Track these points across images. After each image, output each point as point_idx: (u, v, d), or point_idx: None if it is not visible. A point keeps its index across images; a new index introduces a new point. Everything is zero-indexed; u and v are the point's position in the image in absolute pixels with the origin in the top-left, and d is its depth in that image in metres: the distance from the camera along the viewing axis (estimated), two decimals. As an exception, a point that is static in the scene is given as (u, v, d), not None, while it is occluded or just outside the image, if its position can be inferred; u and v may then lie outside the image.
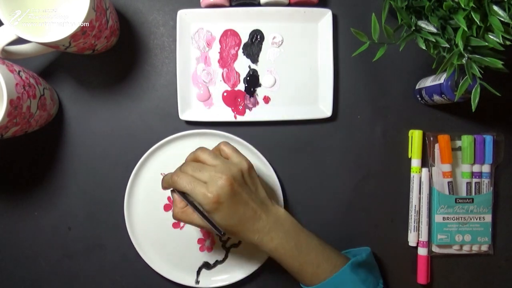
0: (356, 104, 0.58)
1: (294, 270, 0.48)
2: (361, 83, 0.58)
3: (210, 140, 0.57)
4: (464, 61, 0.43)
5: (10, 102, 0.44)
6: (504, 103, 0.57)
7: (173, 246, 0.57)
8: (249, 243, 0.47)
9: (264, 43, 0.57)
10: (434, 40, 0.45)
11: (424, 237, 0.57)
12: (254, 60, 0.57)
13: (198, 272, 0.57)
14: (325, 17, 0.56)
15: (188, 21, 0.56)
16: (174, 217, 0.48)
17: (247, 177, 0.47)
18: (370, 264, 0.53)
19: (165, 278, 0.56)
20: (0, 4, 0.46)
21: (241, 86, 0.57)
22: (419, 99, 0.57)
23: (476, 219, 0.56)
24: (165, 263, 0.56)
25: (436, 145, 0.57)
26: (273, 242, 0.47)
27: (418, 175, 0.57)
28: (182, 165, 0.47)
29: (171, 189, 0.48)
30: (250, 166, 0.47)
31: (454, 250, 0.57)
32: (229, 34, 0.57)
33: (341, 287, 0.48)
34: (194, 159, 0.48)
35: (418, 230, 0.57)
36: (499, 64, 0.42)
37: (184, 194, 0.46)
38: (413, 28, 0.45)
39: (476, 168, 0.57)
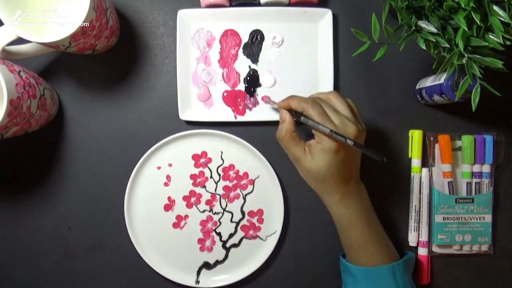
0: (356, 104, 0.58)
1: (355, 245, 0.49)
2: (361, 83, 0.58)
3: (210, 140, 0.57)
4: (464, 61, 0.43)
5: (10, 102, 0.44)
6: (504, 103, 0.57)
7: (173, 246, 0.57)
8: (324, 201, 0.48)
9: (264, 43, 0.57)
10: (434, 40, 0.45)
11: (424, 237, 0.57)
12: (254, 60, 0.57)
13: (198, 272, 0.57)
14: (325, 17, 0.56)
15: (188, 21, 0.56)
16: (280, 135, 0.47)
17: (362, 141, 0.47)
18: (412, 267, 0.53)
19: (165, 278, 0.56)
20: (0, 4, 0.46)
21: (241, 86, 0.57)
22: (419, 99, 0.57)
23: (476, 219, 0.56)
24: (165, 263, 0.56)
25: (436, 145, 0.57)
26: (350, 208, 0.47)
27: (418, 175, 0.57)
28: (315, 98, 0.47)
29: (284, 109, 0.48)
30: (365, 133, 0.48)
31: (454, 250, 0.57)
32: (229, 34, 0.57)
33: (390, 278, 0.48)
34: (326, 99, 0.48)
35: (418, 230, 0.57)
36: (499, 64, 0.42)
37: (306, 121, 0.46)
38: (413, 28, 0.45)
39: (476, 168, 0.57)
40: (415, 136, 0.57)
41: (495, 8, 0.41)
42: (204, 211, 0.57)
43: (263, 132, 0.57)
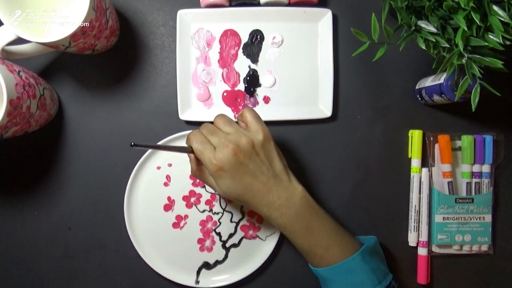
0: (356, 104, 0.58)
1: (302, 250, 0.49)
2: (361, 83, 0.58)
3: (210, 140, 0.57)
4: (464, 61, 0.43)
5: (10, 102, 0.44)
6: (504, 103, 0.57)
7: (173, 246, 0.57)
8: (261, 215, 0.47)
9: (264, 43, 0.57)
10: (434, 40, 0.45)
11: (424, 237, 0.57)
12: (254, 60, 0.57)
13: (198, 272, 0.57)
14: (325, 17, 0.56)
15: (188, 21, 0.56)
16: (192, 174, 0.49)
17: (259, 149, 0.45)
18: (379, 254, 0.52)
19: (165, 278, 0.56)
20: (0, 4, 0.46)
21: (241, 86, 0.57)
22: (419, 99, 0.57)
23: (476, 219, 0.56)
24: (165, 263, 0.56)
25: (436, 145, 0.57)
26: (282, 218, 0.46)
27: (418, 175, 0.57)
28: (202, 125, 0.48)
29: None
30: (266, 138, 0.46)
31: (454, 250, 0.57)
32: (229, 34, 0.57)
33: (350, 273, 0.47)
34: (214, 122, 0.48)
35: (418, 230, 0.57)
36: (499, 64, 0.42)
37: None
38: (413, 28, 0.45)
39: (476, 168, 0.57)
40: (415, 136, 0.57)
41: (495, 8, 0.41)
42: (204, 211, 0.57)
43: (263, 132, 0.57)
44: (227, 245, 0.57)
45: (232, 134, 0.45)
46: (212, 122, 0.49)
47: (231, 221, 0.57)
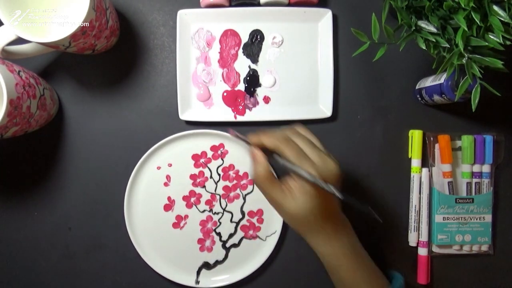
0: (356, 104, 0.58)
1: (347, 284, 0.45)
2: (361, 83, 0.58)
3: (210, 140, 0.57)
4: (464, 61, 0.43)
5: (10, 102, 0.44)
6: (504, 103, 0.57)
7: (173, 246, 0.57)
8: (309, 242, 0.45)
9: (264, 43, 0.57)
10: (434, 40, 0.45)
11: (424, 237, 0.57)
12: (254, 60, 0.57)
13: (198, 272, 0.57)
14: (325, 17, 0.56)
15: (188, 21, 0.56)
16: (256, 178, 0.43)
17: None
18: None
19: (165, 278, 0.56)
20: (0, 4, 0.46)
21: (241, 86, 0.57)
22: (419, 99, 0.57)
23: (476, 219, 0.56)
24: (165, 263, 0.56)
25: (436, 145, 0.57)
26: (336, 247, 0.44)
27: (418, 175, 0.57)
28: (289, 132, 0.43)
29: (255, 147, 0.43)
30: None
31: (454, 250, 0.57)
32: (229, 34, 0.57)
33: None
34: (296, 133, 0.43)
35: (418, 230, 0.57)
36: (499, 64, 0.42)
37: (279, 161, 0.42)
38: (413, 28, 0.45)
39: (476, 168, 0.57)
40: (415, 136, 0.57)
41: (495, 8, 0.41)
42: (204, 211, 0.57)
43: (263, 132, 0.57)
44: (227, 245, 0.57)
45: (326, 152, 0.42)
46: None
47: (231, 221, 0.57)
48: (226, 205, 0.57)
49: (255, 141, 0.43)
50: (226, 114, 0.57)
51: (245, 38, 0.57)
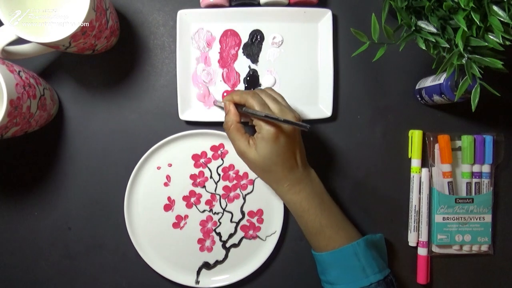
0: (356, 104, 0.58)
1: (312, 230, 0.50)
2: (361, 83, 0.58)
3: (210, 140, 0.57)
4: (464, 61, 0.43)
5: (10, 102, 0.44)
6: (504, 103, 0.57)
7: (173, 246, 0.57)
8: (275, 190, 0.50)
9: (264, 43, 0.57)
10: (434, 40, 0.45)
11: (424, 237, 0.57)
12: (254, 60, 0.57)
13: (198, 272, 0.57)
14: (325, 17, 0.56)
15: (188, 21, 0.56)
16: (226, 126, 0.49)
17: (299, 134, 0.50)
18: (381, 248, 0.54)
19: (165, 278, 0.56)
20: (0, 4, 0.46)
21: (241, 86, 0.57)
22: (419, 99, 0.57)
23: (476, 219, 0.56)
24: (165, 263, 0.56)
25: (436, 145, 0.57)
26: (300, 194, 0.49)
27: (418, 175, 0.57)
28: (255, 90, 0.50)
29: (229, 101, 0.50)
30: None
31: (454, 250, 0.57)
32: (229, 34, 0.57)
33: (353, 258, 0.49)
34: (264, 92, 0.50)
35: (418, 230, 0.57)
36: (499, 64, 0.42)
37: (246, 110, 0.48)
38: (413, 28, 0.45)
39: (476, 168, 0.57)
40: (415, 136, 0.57)
41: (495, 8, 0.41)
42: (204, 211, 0.57)
43: (263, 132, 0.57)
44: (227, 245, 0.57)
45: (289, 107, 0.48)
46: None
47: (231, 221, 0.57)
48: (226, 205, 0.57)
49: (228, 98, 0.50)
50: (226, 114, 0.57)
51: (245, 38, 0.57)
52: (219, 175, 0.57)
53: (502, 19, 0.41)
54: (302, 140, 0.51)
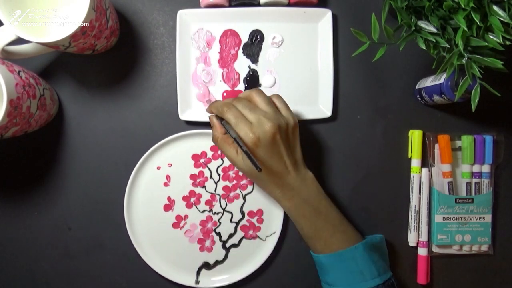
0: (356, 104, 0.58)
1: (308, 234, 0.50)
2: (361, 83, 0.58)
3: (210, 140, 0.57)
4: (464, 61, 0.43)
5: (10, 102, 0.44)
6: (504, 103, 0.57)
7: (173, 246, 0.57)
8: (271, 195, 0.50)
9: (264, 43, 0.57)
10: (434, 40, 0.45)
11: (424, 237, 0.57)
12: (254, 60, 0.57)
13: (198, 272, 0.57)
14: (325, 17, 0.56)
15: (188, 21, 0.56)
16: (214, 140, 0.49)
17: (290, 134, 0.48)
18: (382, 250, 0.54)
19: (165, 278, 0.56)
20: (0, 4, 0.46)
21: (241, 86, 0.57)
22: (419, 99, 0.57)
23: (476, 219, 0.56)
24: (165, 263, 0.56)
25: (436, 145, 0.57)
26: (293, 200, 0.49)
27: (418, 175, 0.57)
28: (235, 99, 0.49)
29: (213, 114, 0.50)
30: (296, 125, 0.49)
31: (454, 250, 0.57)
32: (229, 34, 0.57)
33: (351, 261, 0.48)
34: (247, 97, 0.49)
35: (418, 230, 0.57)
36: (499, 64, 0.42)
37: (225, 125, 0.47)
38: (413, 28, 0.45)
39: (476, 168, 0.57)
40: (415, 136, 0.57)
41: (495, 8, 0.41)
42: (203, 211, 0.57)
43: (263, 132, 0.57)
44: (227, 245, 0.57)
45: (271, 113, 0.47)
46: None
47: (231, 221, 0.57)
48: (226, 205, 0.57)
49: (208, 110, 0.51)
50: (226, 114, 0.57)
51: (245, 38, 0.57)
52: (219, 175, 0.57)
53: (502, 19, 0.41)
54: (297, 143, 0.50)
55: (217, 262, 0.57)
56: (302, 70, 0.57)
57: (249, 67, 0.57)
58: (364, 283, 0.48)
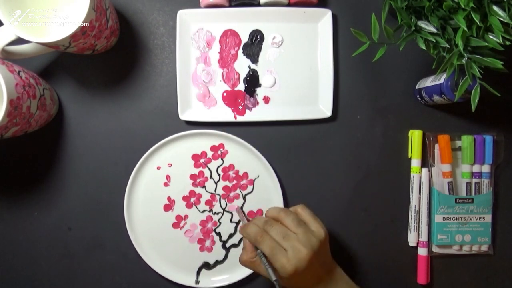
0: (356, 104, 0.58)
1: None
2: (361, 83, 0.58)
3: (210, 140, 0.57)
4: (464, 61, 0.43)
5: (10, 102, 0.44)
6: (504, 103, 0.57)
7: (173, 246, 0.57)
8: None
9: (264, 43, 0.57)
10: (434, 40, 0.45)
11: (424, 237, 0.57)
12: (254, 60, 0.57)
13: (198, 272, 0.57)
14: (325, 17, 0.56)
15: (188, 21, 0.56)
16: (241, 262, 0.49)
17: (323, 247, 0.46)
18: None
19: (165, 278, 0.56)
20: (0, 4, 0.46)
21: (241, 86, 0.57)
22: (419, 99, 0.57)
23: (476, 219, 0.56)
24: (165, 263, 0.56)
25: (436, 145, 0.57)
26: None
27: (418, 175, 0.57)
28: (266, 222, 0.47)
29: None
30: (327, 235, 0.47)
31: (454, 250, 0.57)
32: (229, 34, 0.57)
33: None
34: (277, 219, 0.48)
35: (418, 230, 0.57)
36: (499, 64, 0.42)
37: (260, 256, 0.46)
38: (413, 28, 0.45)
39: (476, 168, 0.57)
40: (415, 136, 0.57)
41: (495, 8, 0.41)
42: (204, 211, 0.57)
43: (263, 132, 0.57)
44: (227, 245, 0.57)
45: (302, 235, 0.45)
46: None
47: (231, 221, 0.57)
48: (226, 205, 0.57)
49: (240, 232, 0.50)
50: (226, 114, 0.57)
51: (245, 38, 0.57)
52: (219, 175, 0.57)
53: (502, 19, 0.41)
54: (328, 251, 0.48)
55: (217, 262, 0.57)
56: (302, 70, 0.57)
57: (249, 67, 0.57)
58: None
